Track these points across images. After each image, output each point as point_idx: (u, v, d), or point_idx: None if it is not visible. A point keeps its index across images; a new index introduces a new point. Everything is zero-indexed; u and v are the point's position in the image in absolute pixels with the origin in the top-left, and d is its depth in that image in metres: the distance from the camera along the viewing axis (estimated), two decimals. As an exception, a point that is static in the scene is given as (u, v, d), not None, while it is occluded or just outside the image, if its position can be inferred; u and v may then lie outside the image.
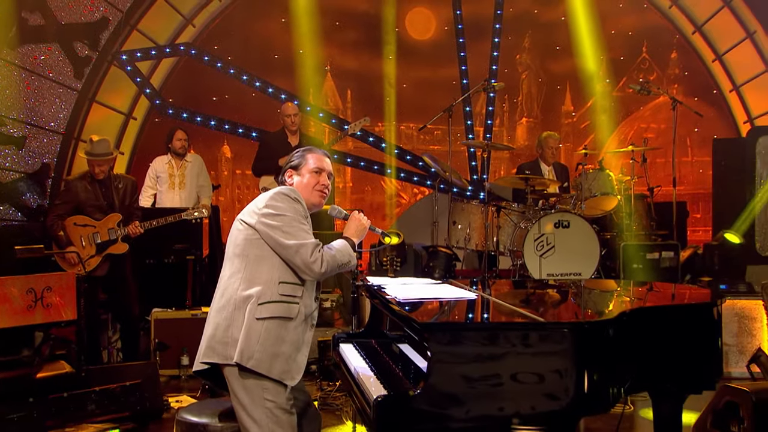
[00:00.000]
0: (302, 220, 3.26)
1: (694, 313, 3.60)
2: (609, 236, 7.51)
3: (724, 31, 10.52)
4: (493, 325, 3.16)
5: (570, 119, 11.79)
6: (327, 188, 3.46)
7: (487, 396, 2.81)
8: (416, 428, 2.80)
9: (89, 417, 4.99)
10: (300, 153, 3.53)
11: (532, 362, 2.85)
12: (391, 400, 2.82)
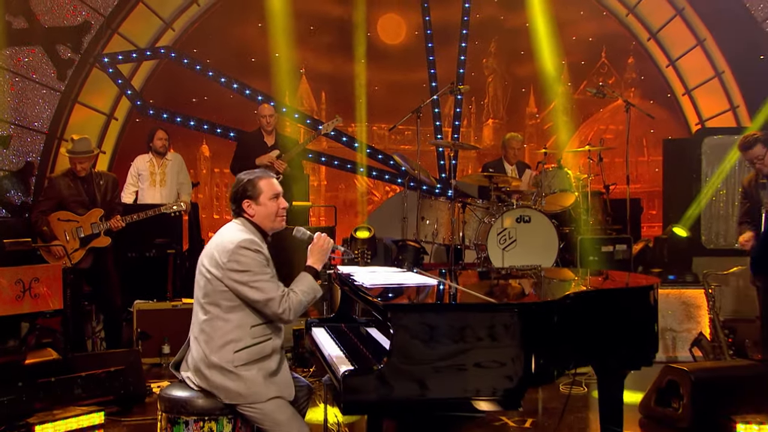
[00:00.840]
0: (265, 269, 3.32)
1: (633, 296, 3.79)
2: (567, 230, 7.66)
3: (676, 38, 10.67)
4: (450, 306, 3.31)
5: (534, 120, 11.91)
6: (286, 209, 3.51)
7: (445, 370, 2.94)
8: (379, 400, 2.93)
9: (76, 400, 5.07)
10: (250, 181, 3.46)
11: (485, 340, 2.98)
12: (357, 374, 2.97)
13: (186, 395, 3.36)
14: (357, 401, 2.94)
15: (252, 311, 3.31)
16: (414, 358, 2.93)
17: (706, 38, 10.24)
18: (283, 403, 3.29)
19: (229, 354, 3.27)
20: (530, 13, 10.45)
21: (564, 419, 5.15)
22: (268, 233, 3.49)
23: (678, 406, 5.04)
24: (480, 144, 11.62)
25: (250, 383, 3.25)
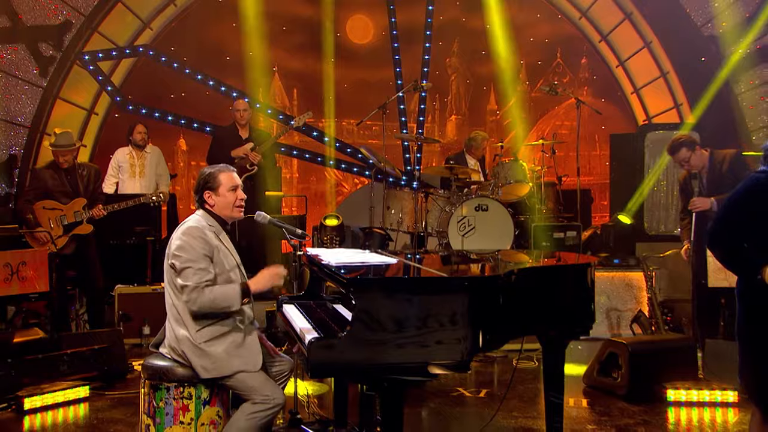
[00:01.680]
0: (197, 257, 3.42)
1: (572, 272, 3.99)
2: (522, 218, 7.84)
3: (625, 40, 10.80)
4: (407, 279, 3.47)
5: (494, 117, 12.06)
6: (243, 200, 3.66)
7: (401, 337, 3.10)
8: (342, 363, 3.10)
9: (62, 376, 5.25)
10: (211, 174, 3.60)
11: (438, 310, 3.15)
12: (322, 340, 3.14)
13: (167, 364, 3.52)
14: (322, 364, 3.11)
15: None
16: (374, 326, 3.09)
17: (652, 41, 10.38)
18: (250, 374, 3.43)
19: (193, 332, 3.45)
20: (489, 16, 10.57)
21: (516, 390, 5.41)
22: (228, 222, 3.68)
23: (617, 375, 5.34)
24: (444, 138, 11.79)
25: (214, 358, 3.42)
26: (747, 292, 3.17)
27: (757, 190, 3.12)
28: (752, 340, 3.19)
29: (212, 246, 3.50)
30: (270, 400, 3.37)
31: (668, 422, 4.78)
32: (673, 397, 5.13)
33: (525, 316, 3.66)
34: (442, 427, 4.65)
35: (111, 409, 4.98)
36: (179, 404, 3.48)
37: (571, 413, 4.93)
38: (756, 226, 3.11)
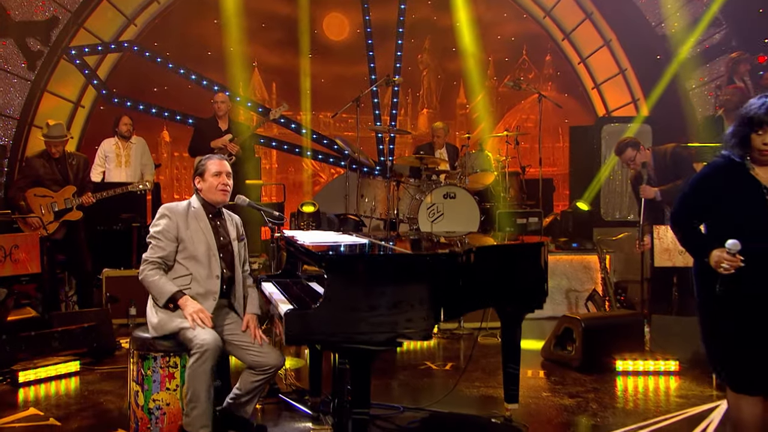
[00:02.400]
0: (159, 235, 3.70)
1: (526, 251, 4.17)
2: (488, 205, 8.02)
3: (587, 39, 11.00)
4: (375, 255, 3.62)
5: (464, 110, 12.18)
6: (227, 186, 3.83)
7: (370, 308, 3.26)
8: (314, 333, 3.26)
9: (53, 352, 5.35)
10: (201, 162, 3.87)
11: (403, 283, 3.32)
12: (296, 312, 3.30)
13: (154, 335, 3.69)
14: (296, 333, 3.26)
15: (176, 267, 3.74)
16: (344, 298, 3.25)
17: (611, 39, 10.58)
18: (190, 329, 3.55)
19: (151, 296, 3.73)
20: (458, 14, 10.72)
21: (479, 363, 5.62)
22: (215, 206, 3.86)
23: (572, 348, 5.56)
24: (415, 131, 11.90)
25: (159, 318, 3.66)
26: (703, 271, 3.22)
27: (715, 174, 3.20)
28: (708, 316, 3.27)
29: (179, 227, 3.72)
30: (200, 346, 3.46)
31: (616, 390, 4.99)
32: (621, 368, 5.34)
33: (483, 290, 3.83)
34: (410, 396, 4.80)
35: (101, 382, 5.10)
36: (165, 372, 3.64)
37: (529, 383, 5.14)
38: (714, 209, 3.19)
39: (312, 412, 4.35)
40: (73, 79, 9.70)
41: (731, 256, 2.98)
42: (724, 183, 3.14)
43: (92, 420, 4.31)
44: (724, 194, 3.12)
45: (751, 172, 3.10)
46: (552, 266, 7.36)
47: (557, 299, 7.38)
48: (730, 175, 3.13)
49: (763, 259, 3.02)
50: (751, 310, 3.08)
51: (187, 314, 3.56)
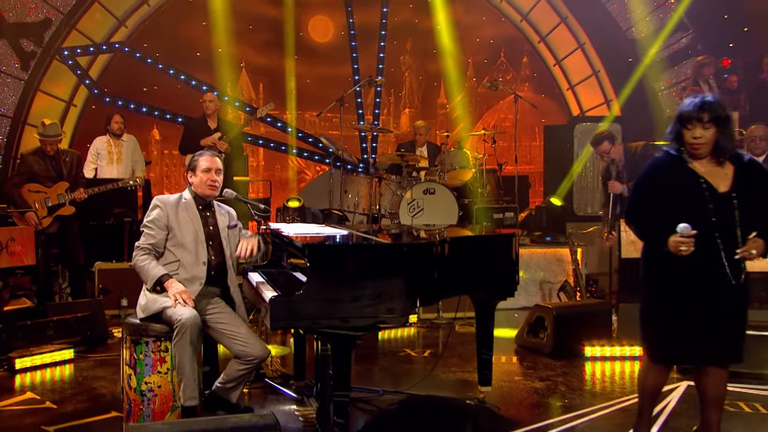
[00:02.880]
0: (151, 224, 3.85)
1: (499, 242, 4.29)
2: (466, 201, 8.13)
3: (562, 42, 11.14)
4: (355, 245, 3.73)
5: (444, 110, 12.24)
6: (215, 182, 3.97)
7: (351, 295, 3.37)
8: (297, 317, 3.37)
9: (49, 340, 5.44)
10: (193, 158, 4.00)
11: (382, 271, 3.44)
12: (280, 298, 3.43)
13: (146, 322, 3.79)
14: (280, 318, 3.38)
15: (165, 254, 3.86)
16: (325, 285, 3.37)
17: (585, 42, 10.74)
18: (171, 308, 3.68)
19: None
20: (438, 18, 10.80)
21: (456, 350, 5.77)
22: (204, 199, 3.99)
23: (543, 336, 5.72)
24: (398, 129, 11.97)
25: (145, 300, 3.79)
26: (648, 253, 3.43)
27: (657, 169, 3.38)
28: (646, 297, 3.47)
29: (169, 216, 3.86)
30: (179, 321, 3.60)
31: (584, 374, 5.16)
32: (589, 353, 5.52)
33: (458, 278, 3.97)
34: (390, 380, 4.92)
35: (94, 369, 5.20)
36: (157, 356, 3.75)
37: (503, 368, 5.28)
38: (660, 201, 3.33)
39: (296, 396, 4.48)
40: (66, 78, 9.71)
41: (686, 239, 3.14)
42: (667, 176, 3.31)
43: (87, 403, 4.41)
44: (667, 186, 3.29)
45: (689, 164, 3.29)
46: (527, 259, 7.55)
47: (532, 291, 7.53)
48: (671, 169, 3.31)
49: (699, 243, 3.17)
50: (685, 290, 3.28)
51: (170, 294, 3.70)
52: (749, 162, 3.33)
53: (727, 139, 3.23)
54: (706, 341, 3.28)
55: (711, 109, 3.21)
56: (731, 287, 3.21)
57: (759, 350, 4.88)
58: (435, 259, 3.74)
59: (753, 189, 3.26)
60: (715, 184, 3.24)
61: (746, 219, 3.21)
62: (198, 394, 3.65)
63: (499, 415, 4.24)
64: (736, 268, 3.21)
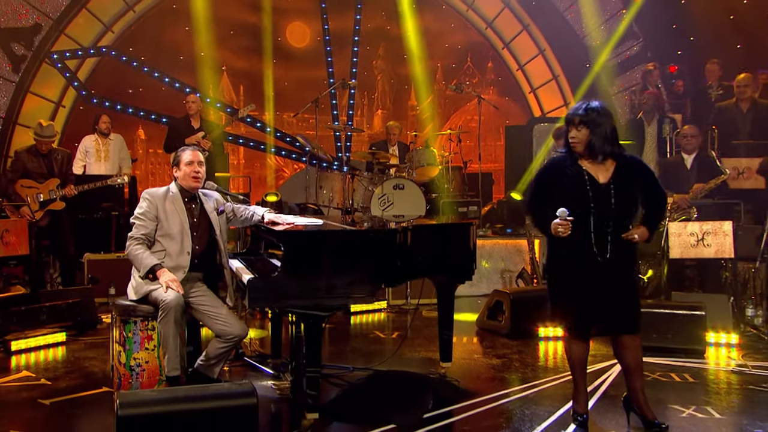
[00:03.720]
0: (141, 216, 4.00)
1: (457, 230, 4.51)
2: (433, 196, 8.28)
3: (524, 48, 11.38)
4: (326, 232, 3.94)
5: (414, 111, 12.37)
6: (198, 173, 4.11)
7: (321, 276, 3.60)
8: (272, 297, 3.61)
9: (42, 325, 5.58)
10: (177, 153, 4.14)
11: (351, 255, 3.68)
12: (258, 279, 3.65)
13: (134, 304, 3.98)
14: (257, 298, 3.63)
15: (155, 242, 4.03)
16: (298, 268, 3.60)
17: (545, 49, 11.00)
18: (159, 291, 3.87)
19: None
20: (408, 25, 10.98)
21: (422, 332, 5.98)
22: (189, 191, 4.15)
23: (502, 319, 5.95)
24: (371, 130, 12.12)
25: (135, 283, 3.98)
26: (550, 242, 3.75)
27: (551, 167, 3.73)
28: (550, 279, 3.81)
29: (157, 208, 4.03)
30: (164, 302, 3.80)
31: (538, 352, 5.41)
32: (543, 334, 5.75)
33: (420, 262, 4.18)
34: (361, 359, 5.14)
35: (85, 350, 5.35)
36: (144, 334, 3.94)
37: (464, 347, 5.53)
38: (554, 193, 3.65)
39: (273, 372, 4.67)
40: (55, 81, 9.77)
41: (563, 221, 3.47)
42: (559, 173, 3.64)
43: (79, 380, 4.58)
44: (559, 182, 3.61)
45: (578, 162, 3.61)
46: (489, 250, 7.80)
47: (494, 279, 7.76)
48: (562, 167, 3.65)
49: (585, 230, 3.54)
50: (579, 273, 3.61)
51: (161, 281, 3.87)
52: (630, 159, 3.68)
53: (598, 140, 3.55)
54: (600, 313, 3.62)
55: (583, 114, 3.57)
56: (599, 263, 3.55)
57: (689, 328, 5.22)
58: (399, 244, 3.96)
59: (632, 182, 3.61)
60: (596, 176, 3.59)
61: (621, 206, 3.56)
62: (180, 365, 3.85)
63: (459, 387, 4.46)
64: (602, 246, 3.54)
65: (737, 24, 9.80)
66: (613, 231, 3.55)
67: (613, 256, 3.56)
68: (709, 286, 6.38)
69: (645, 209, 3.69)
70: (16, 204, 6.47)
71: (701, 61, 8.93)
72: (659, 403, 4.10)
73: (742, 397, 4.31)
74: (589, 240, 3.54)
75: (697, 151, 6.81)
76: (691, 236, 5.95)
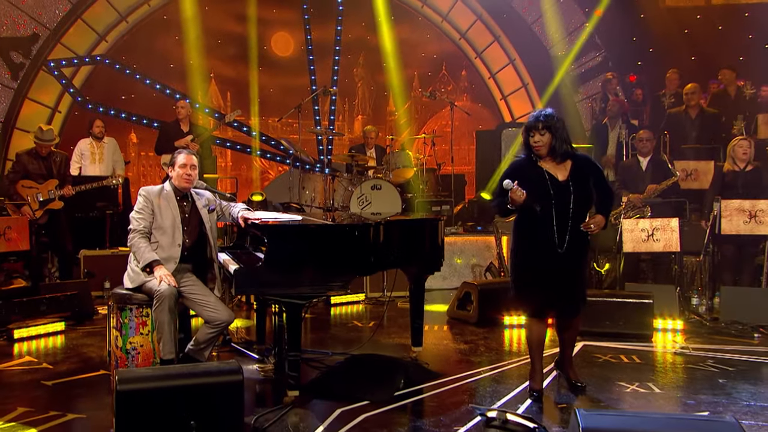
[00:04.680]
0: (140, 211, 4.17)
1: (427, 225, 4.70)
2: (409, 196, 8.47)
3: (495, 57, 11.61)
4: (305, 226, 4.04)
5: (392, 117, 12.53)
6: (190, 176, 4.30)
7: (301, 267, 3.79)
8: (257, 285, 3.80)
9: (42, 315, 5.74)
10: (174, 155, 4.32)
11: (327, 247, 3.86)
12: (243, 269, 3.85)
13: (130, 292, 4.16)
14: (243, 285, 3.83)
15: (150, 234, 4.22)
16: (280, 259, 3.79)
17: (515, 59, 11.24)
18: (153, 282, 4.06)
19: (131, 256, 4.22)
20: (387, 35, 11.18)
21: (397, 321, 6.21)
22: (181, 190, 4.34)
23: (470, 309, 6.18)
24: (352, 134, 12.26)
25: (131, 272, 4.16)
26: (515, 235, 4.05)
27: (514, 169, 4.00)
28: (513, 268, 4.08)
29: (153, 204, 4.22)
30: (159, 292, 3.99)
31: (503, 338, 5.65)
32: (508, 322, 6.00)
33: (392, 254, 4.36)
34: (339, 345, 5.34)
35: (83, 338, 5.52)
36: (139, 320, 4.11)
37: (435, 335, 5.75)
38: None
39: (258, 356, 4.88)
40: (51, 87, 9.86)
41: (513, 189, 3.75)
42: (521, 174, 3.91)
43: (78, 364, 4.77)
44: (521, 180, 3.85)
45: (539, 163, 3.89)
46: (461, 246, 8.04)
47: (465, 273, 7.99)
48: (524, 168, 3.95)
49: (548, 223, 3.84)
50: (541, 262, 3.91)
51: (156, 275, 4.06)
52: (582, 158, 4.01)
53: (558, 142, 3.86)
54: (557, 297, 3.95)
55: (544, 120, 3.87)
56: (559, 254, 3.85)
57: (638, 315, 5.51)
58: (373, 238, 4.16)
59: (586, 179, 3.92)
60: (556, 175, 3.89)
61: (579, 200, 3.87)
62: (174, 350, 4.05)
63: (429, 369, 4.68)
64: (561, 238, 3.84)
65: (691, 38, 10.17)
66: (572, 224, 3.85)
67: (570, 248, 3.86)
68: (661, 278, 6.69)
69: (598, 201, 4.00)
70: (18, 203, 6.60)
71: (659, 71, 9.25)
72: (607, 380, 4.39)
73: (681, 374, 4.61)
74: (551, 233, 3.83)
75: (651, 154, 7.11)
76: (643, 232, 6.25)
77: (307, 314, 6.38)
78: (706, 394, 4.14)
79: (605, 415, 2.78)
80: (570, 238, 3.85)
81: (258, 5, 10.98)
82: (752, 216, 6.11)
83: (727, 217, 6.16)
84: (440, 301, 7.00)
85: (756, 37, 9.86)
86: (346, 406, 3.87)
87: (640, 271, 6.92)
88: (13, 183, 6.71)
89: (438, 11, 11.84)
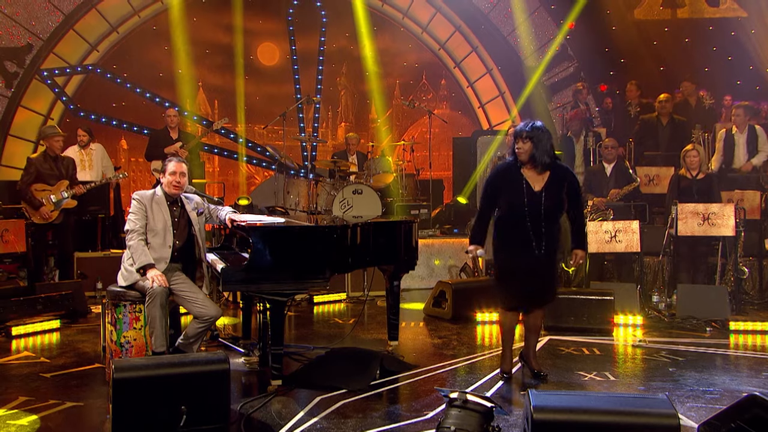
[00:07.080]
0: (136, 212, 4.36)
1: (401, 226, 4.90)
2: (389, 200, 8.67)
3: (473, 67, 11.83)
4: (287, 227, 4.27)
5: (374, 124, 12.70)
6: (179, 183, 4.51)
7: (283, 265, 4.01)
8: (243, 282, 4.02)
9: (39, 313, 5.94)
10: (165, 162, 4.50)
11: (307, 246, 4.08)
12: (230, 268, 4.07)
13: (124, 290, 4.37)
14: (230, 282, 4.06)
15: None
16: (264, 257, 4.00)
17: (492, 68, 11.48)
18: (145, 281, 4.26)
19: (125, 255, 4.43)
20: (369, 46, 11.42)
21: (376, 319, 6.46)
22: (171, 196, 4.55)
23: (445, 306, 6.42)
24: (335, 141, 12.47)
25: (125, 271, 4.36)
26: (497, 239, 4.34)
27: (497, 173, 4.30)
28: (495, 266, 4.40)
29: (146, 207, 4.43)
30: (151, 289, 4.20)
31: (475, 333, 5.91)
32: (480, 318, 6.25)
33: (369, 253, 4.60)
34: (320, 340, 5.59)
35: (78, 335, 5.72)
36: (133, 316, 4.32)
37: (411, 331, 6.00)
38: (499, 195, 4.25)
39: (244, 351, 5.08)
40: (44, 95, 9.97)
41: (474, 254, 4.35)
42: (503, 178, 4.23)
43: (74, 358, 4.98)
44: (503, 187, 4.18)
45: (521, 169, 4.16)
46: (438, 248, 8.29)
47: (441, 273, 8.21)
48: (506, 173, 4.26)
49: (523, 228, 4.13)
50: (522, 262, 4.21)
51: (149, 276, 4.27)
52: (563, 170, 4.28)
53: (539, 152, 4.15)
54: (528, 293, 4.27)
55: (529, 130, 4.17)
56: (536, 255, 4.17)
57: (600, 311, 5.81)
58: (351, 238, 4.40)
59: (561, 189, 4.21)
60: (532, 184, 4.19)
61: (549, 210, 4.16)
62: (165, 343, 4.28)
63: (404, 362, 4.92)
64: (538, 241, 4.14)
65: (660, 49, 10.56)
66: (546, 229, 4.14)
67: (546, 250, 4.16)
68: (625, 277, 7.01)
69: (570, 223, 4.32)
70: (37, 205, 6.78)
71: (629, 81, 9.58)
72: (568, 370, 4.68)
73: (636, 364, 4.92)
74: (528, 237, 4.14)
75: (616, 161, 7.43)
76: (606, 233, 6.57)
77: (291, 312, 6.62)
78: (656, 381, 4.45)
79: (553, 395, 3.07)
80: (545, 241, 4.14)
81: (244, 16, 11.14)
82: (705, 218, 6.45)
83: (682, 219, 6.49)
84: (418, 300, 7.25)
85: (719, 50, 10.25)
86: (325, 394, 4.11)
87: (605, 271, 7.23)
88: (28, 186, 6.88)
89: (418, 23, 12.05)
